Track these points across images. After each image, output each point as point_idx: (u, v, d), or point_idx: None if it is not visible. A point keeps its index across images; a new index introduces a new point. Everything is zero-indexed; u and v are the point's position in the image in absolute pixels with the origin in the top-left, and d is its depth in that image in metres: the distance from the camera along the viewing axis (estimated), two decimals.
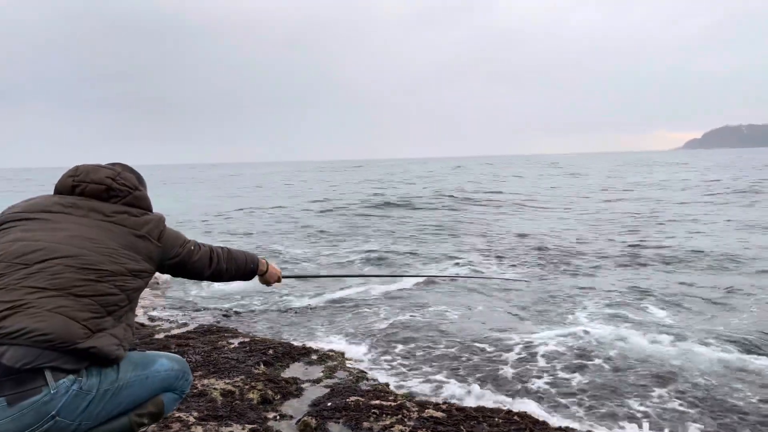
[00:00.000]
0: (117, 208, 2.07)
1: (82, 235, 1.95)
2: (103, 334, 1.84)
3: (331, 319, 5.84)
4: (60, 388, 1.71)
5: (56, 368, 1.71)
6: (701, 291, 6.85)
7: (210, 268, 2.37)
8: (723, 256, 8.93)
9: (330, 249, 10.92)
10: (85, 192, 2.08)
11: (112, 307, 1.90)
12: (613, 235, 11.80)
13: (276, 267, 2.84)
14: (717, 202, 18.40)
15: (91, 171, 2.13)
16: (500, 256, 9.55)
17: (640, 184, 29.19)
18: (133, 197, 2.14)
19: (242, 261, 2.55)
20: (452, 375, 4.20)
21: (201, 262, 2.32)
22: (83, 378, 1.79)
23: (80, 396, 1.77)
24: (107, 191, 2.09)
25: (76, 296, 1.82)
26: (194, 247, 2.31)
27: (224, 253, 2.46)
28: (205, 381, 3.63)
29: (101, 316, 1.86)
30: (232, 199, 26.51)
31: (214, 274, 2.41)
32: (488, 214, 16.90)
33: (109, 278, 1.91)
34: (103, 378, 1.86)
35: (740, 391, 3.90)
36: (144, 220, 2.10)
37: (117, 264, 1.95)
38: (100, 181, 2.10)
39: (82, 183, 2.10)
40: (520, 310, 6.11)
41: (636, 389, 3.95)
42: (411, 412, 3.24)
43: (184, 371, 2.22)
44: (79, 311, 1.79)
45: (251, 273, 2.63)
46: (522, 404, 3.68)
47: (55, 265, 1.84)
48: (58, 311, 1.76)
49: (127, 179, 2.17)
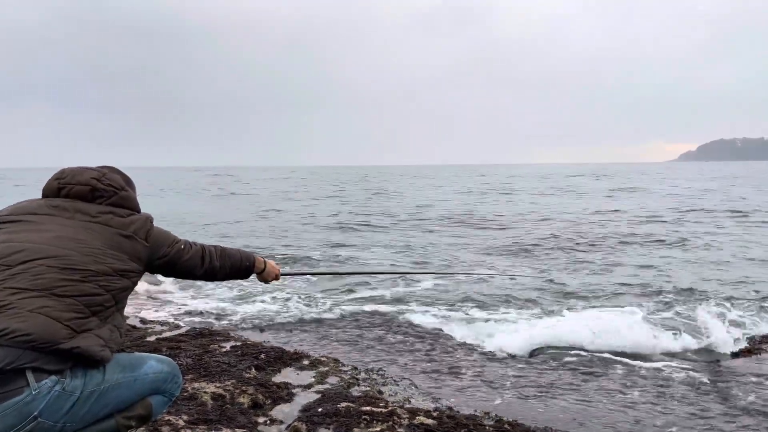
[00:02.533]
0: (102, 208, 2.06)
1: (66, 236, 1.94)
2: (88, 335, 1.81)
3: (326, 324, 5.84)
4: (42, 388, 1.69)
5: (38, 369, 1.69)
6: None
7: (202, 267, 2.33)
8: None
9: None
10: (71, 194, 2.08)
11: (96, 308, 1.88)
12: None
13: (274, 264, 2.78)
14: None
15: (76, 173, 2.12)
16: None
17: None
18: (118, 197, 2.13)
19: (237, 259, 2.51)
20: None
21: (192, 261, 2.28)
22: (67, 379, 1.77)
23: (63, 397, 1.75)
24: (92, 192, 2.08)
25: (58, 296, 1.80)
26: (184, 246, 2.27)
27: (217, 252, 2.41)
28: (196, 384, 3.61)
29: (85, 316, 1.83)
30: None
31: (207, 273, 2.37)
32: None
33: (93, 278, 1.89)
34: (89, 379, 1.84)
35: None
36: (130, 220, 2.08)
37: (102, 264, 1.93)
38: (86, 182, 2.09)
39: (67, 185, 2.09)
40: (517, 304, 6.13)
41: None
42: (402, 419, 3.23)
43: (174, 374, 2.19)
44: (61, 311, 1.78)
45: (247, 271, 2.58)
46: (513, 412, 3.68)
47: (37, 266, 1.83)
48: (40, 311, 1.74)
49: (113, 180, 2.16)
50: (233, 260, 2.49)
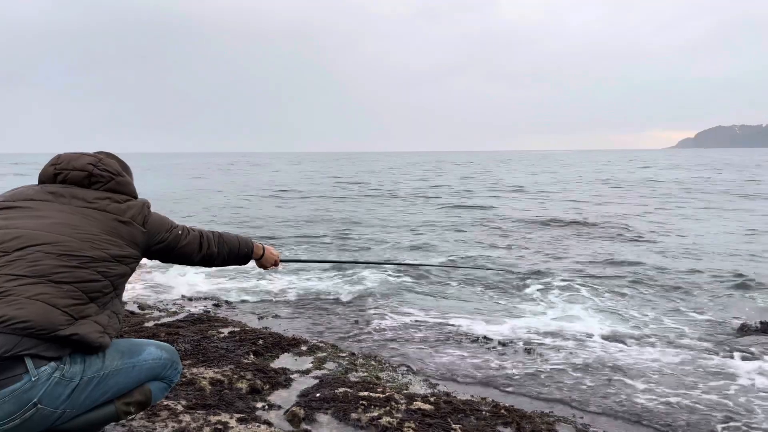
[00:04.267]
0: (99, 194, 2.05)
1: (63, 222, 1.93)
2: (86, 321, 1.82)
3: (325, 310, 5.85)
4: (41, 375, 1.70)
5: (37, 356, 1.69)
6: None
7: (200, 253, 2.33)
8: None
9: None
10: (67, 179, 2.07)
11: (94, 294, 1.88)
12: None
13: (273, 250, 2.79)
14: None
15: (72, 159, 2.11)
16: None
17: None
18: (115, 183, 2.12)
19: (235, 245, 2.50)
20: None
21: (190, 246, 2.28)
22: (66, 365, 1.77)
23: (62, 383, 1.76)
24: (89, 177, 2.08)
25: (56, 283, 1.79)
26: (182, 231, 2.26)
27: (215, 238, 2.41)
28: (194, 370, 3.63)
29: (84, 302, 1.83)
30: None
31: (205, 259, 2.37)
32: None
33: (90, 264, 1.88)
34: (88, 366, 1.84)
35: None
36: (127, 206, 2.07)
37: (99, 250, 1.92)
38: (82, 167, 2.08)
39: (63, 171, 2.08)
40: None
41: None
42: (399, 404, 3.26)
43: (173, 360, 2.20)
44: (59, 298, 1.77)
45: (245, 257, 2.58)
46: (509, 397, 3.71)
47: (34, 252, 1.82)
48: (38, 298, 1.74)
49: (109, 165, 2.14)
50: (231, 246, 2.49)
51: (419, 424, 3.02)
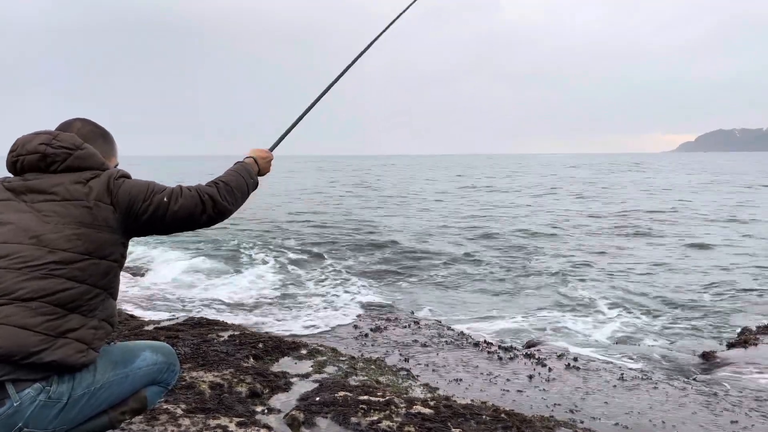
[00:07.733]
0: (57, 179, 1.78)
1: (22, 227, 1.71)
2: (67, 340, 1.66)
3: (325, 314, 5.85)
4: (24, 399, 1.60)
5: (18, 380, 1.59)
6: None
7: (204, 213, 1.92)
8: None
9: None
10: (24, 166, 1.82)
11: (72, 304, 1.68)
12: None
13: (261, 153, 2.30)
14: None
15: (27, 141, 1.84)
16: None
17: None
18: (74, 158, 1.81)
19: (242, 183, 2.08)
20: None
21: (185, 209, 1.88)
22: (52, 386, 1.65)
23: (49, 405, 1.65)
24: (43, 159, 1.80)
25: (22, 301, 1.62)
26: (167, 196, 1.86)
27: (222, 189, 1.98)
28: (194, 373, 3.62)
29: (60, 316, 1.65)
30: None
31: (213, 218, 1.97)
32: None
33: (56, 271, 1.66)
34: (78, 382, 1.72)
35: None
36: (89, 187, 1.78)
37: (63, 251, 1.68)
38: (34, 149, 1.80)
39: (19, 157, 1.83)
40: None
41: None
42: (399, 408, 3.24)
43: (170, 363, 2.08)
44: (29, 318, 1.61)
45: (254, 185, 2.18)
46: (510, 401, 3.70)
47: None
48: (6, 321, 1.58)
49: (64, 140, 1.83)
50: (240, 188, 2.07)
51: (419, 427, 3.00)
